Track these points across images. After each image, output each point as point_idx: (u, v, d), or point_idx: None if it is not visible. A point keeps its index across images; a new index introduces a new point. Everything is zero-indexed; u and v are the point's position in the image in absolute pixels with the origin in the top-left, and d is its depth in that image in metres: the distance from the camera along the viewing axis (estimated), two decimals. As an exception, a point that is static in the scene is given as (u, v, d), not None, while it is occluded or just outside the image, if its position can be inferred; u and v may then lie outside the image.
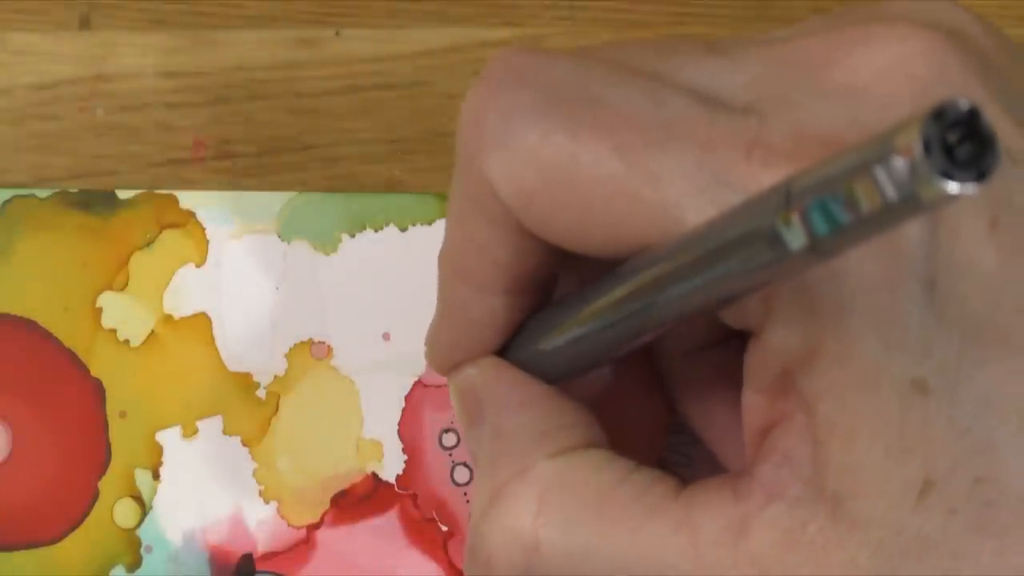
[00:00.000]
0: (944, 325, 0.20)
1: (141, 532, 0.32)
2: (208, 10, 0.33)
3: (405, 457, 0.32)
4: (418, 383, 0.32)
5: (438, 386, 0.32)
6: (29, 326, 0.32)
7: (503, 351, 0.26)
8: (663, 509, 0.22)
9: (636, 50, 0.24)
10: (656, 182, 0.21)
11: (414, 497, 0.32)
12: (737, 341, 0.23)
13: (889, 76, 0.21)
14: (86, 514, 0.32)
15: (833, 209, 0.17)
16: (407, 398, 0.32)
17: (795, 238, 0.18)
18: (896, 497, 0.21)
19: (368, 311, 0.32)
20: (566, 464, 0.24)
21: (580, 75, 0.23)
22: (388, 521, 0.32)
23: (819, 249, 0.18)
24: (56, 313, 0.32)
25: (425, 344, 0.27)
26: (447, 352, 0.26)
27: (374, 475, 0.32)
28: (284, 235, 0.32)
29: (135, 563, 0.32)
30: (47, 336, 0.32)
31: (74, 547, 0.32)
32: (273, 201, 0.32)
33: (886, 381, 0.20)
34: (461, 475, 0.32)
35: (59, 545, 0.32)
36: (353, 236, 0.32)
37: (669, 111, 0.22)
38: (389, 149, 0.33)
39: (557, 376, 0.25)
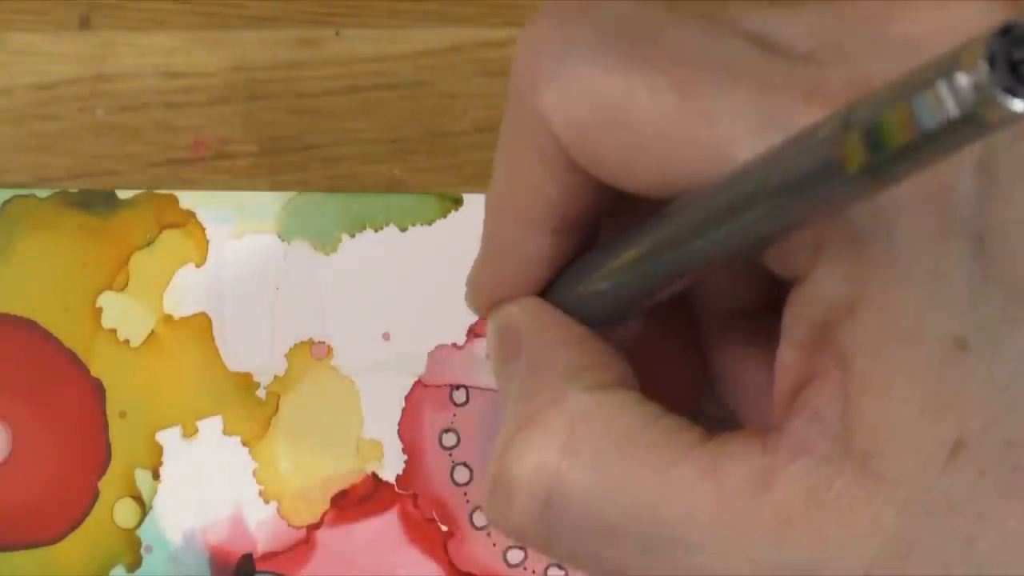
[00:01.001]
0: (989, 282, 0.20)
1: (141, 532, 0.32)
2: (208, 10, 0.33)
3: (405, 457, 0.32)
4: (418, 383, 0.32)
5: (438, 386, 0.32)
6: (29, 326, 0.32)
7: (545, 294, 0.26)
8: (690, 455, 0.22)
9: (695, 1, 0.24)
10: (711, 121, 0.21)
11: (414, 497, 0.32)
12: (775, 307, 0.23)
13: (949, 31, 0.21)
14: (86, 514, 0.32)
15: (894, 129, 0.17)
16: (407, 398, 0.32)
17: (854, 161, 0.18)
18: (926, 456, 0.21)
19: (368, 311, 0.32)
20: (598, 400, 0.24)
21: (639, 13, 0.23)
22: (388, 521, 0.32)
23: (878, 173, 0.18)
24: (56, 313, 0.32)
25: (466, 284, 0.27)
26: (489, 291, 0.26)
27: (374, 475, 0.32)
28: (284, 235, 0.32)
29: (135, 563, 0.32)
30: (47, 336, 0.32)
31: (74, 547, 0.32)
32: (273, 201, 0.32)
33: (927, 335, 0.20)
34: (461, 475, 0.32)
35: (59, 545, 0.32)
36: (353, 236, 0.32)
37: (728, 52, 0.22)
38: (389, 149, 0.33)
39: (597, 320, 0.25)
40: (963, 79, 0.16)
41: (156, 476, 0.32)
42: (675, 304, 0.27)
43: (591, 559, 0.23)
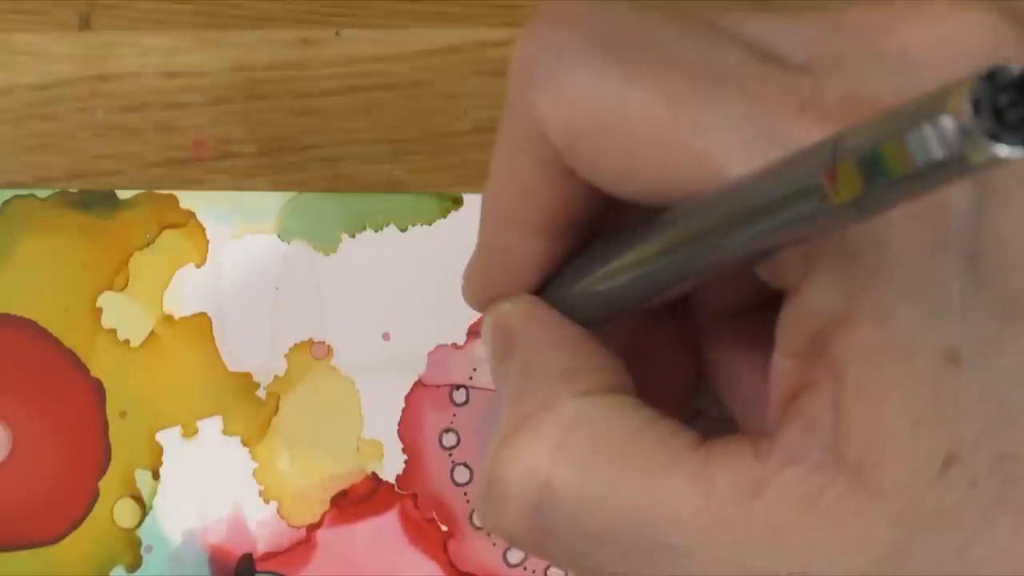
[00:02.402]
0: (983, 298, 0.20)
1: (141, 532, 0.32)
2: (208, 10, 0.33)
3: (405, 457, 0.32)
4: (418, 383, 0.32)
5: (438, 386, 0.32)
6: (29, 326, 0.32)
7: (540, 292, 0.26)
8: (681, 460, 0.22)
9: (693, 5, 0.24)
10: (703, 132, 0.21)
11: (414, 497, 0.32)
12: (772, 308, 0.23)
13: (945, 46, 0.21)
14: (86, 514, 0.32)
15: (879, 166, 0.17)
16: (407, 398, 0.32)
17: (839, 193, 0.18)
18: (919, 468, 0.21)
19: (368, 311, 0.32)
20: (591, 405, 0.24)
21: (635, 20, 0.23)
22: (388, 521, 0.32)
23: (862, 206, 0.18)
24: (56, 313, 0.32)
25: (462, 279, 0.27)
26: (484, 288, 0.26)
27: (374, 475, 0.32)
28: (284, 235, 0.32)
29: (135, 563, 0.32)
30: (47, 336, 0.32)
31: (74, 547, 0.32)
32: (273, 201, 0.32)
33: (921, 349, 0.20)
34: (461, 475, 0.32)
35: (59, 545, 0.32)
36: (353, 236, 0.32)
37: (723, 62, 0.22)
38: (389, 149, 0.33)
39: (591, 320, 0.25)
40: (948, 122, 0.16)
41: (156, 476, 0.32)
42: (673, 305, 0.26)
43: (583, 563, 0.23)
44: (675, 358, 0.28)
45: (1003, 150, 0.16)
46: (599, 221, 0.25)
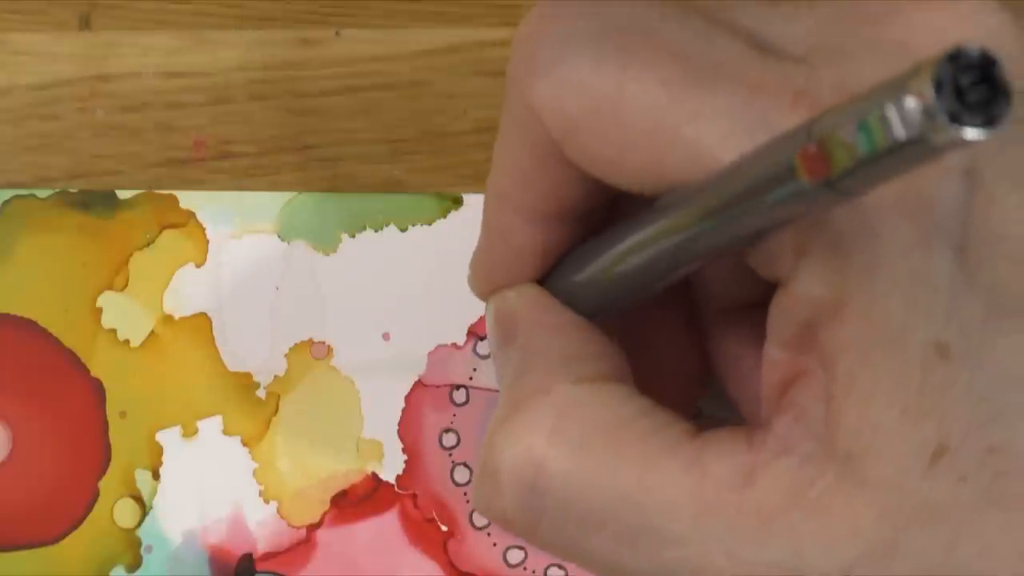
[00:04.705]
0: (971, 291, 0.21)
1: (141, 532, 0.32)
2: (208, 10, 0.33)
3: (405, 457, 0.32)
4: (418, 383, 0.32)
5: (438, 386, 0.32)
6: (29, 326, 0.32)
7: (543, 282, 0.26)
8: (675, 448, 0.22)
9: None
10: (698, 120, 0.22)
11: (414, 497, 0.32)
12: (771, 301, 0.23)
13: (944, 36, 0.21)
14: (86, 514, 0.32)
15: (847, 147, 0.17)
16: (407, 398, 0.32)
17: (812, 174, 0.18)
18: (908, 460, 0.21)
19: (368, 311, 0.32)
20: (587, 392, 0.24)
21: (636, 8, 0.23)
22: (388, 521, 0.32)
23: (834, 187, 0.18)
24: (56, 313, 0.32)
25: (469, 267, 0.27)
26: (488, 276, 0.27)
27: (374, 475, 0.32)
28: (284, 235, 0.32)
29: (135, 563, 0.32)
30: (47, 336, 0.32)
31: (74, 547, 0.32)
32: (273, 201, 0.32)
33: (909, 342, 0.20)
34: (461, 475, 0.32)
35: (59, 545, 0.32)
36: (353, 236, 0.32)
37: (720, 51, 0.22)
38: (389, 149, 0.33)
39: (593, 310, 0.26)
40: (911, 103, 0.16)
41: (156, 476, 0.32)
42: (676, 298, 0.27)
43: (574, 548, 0.24)
44: (680, 353, 0.28)
45: (966, 131, 0.16)
46: (603, 211, 0.26)
